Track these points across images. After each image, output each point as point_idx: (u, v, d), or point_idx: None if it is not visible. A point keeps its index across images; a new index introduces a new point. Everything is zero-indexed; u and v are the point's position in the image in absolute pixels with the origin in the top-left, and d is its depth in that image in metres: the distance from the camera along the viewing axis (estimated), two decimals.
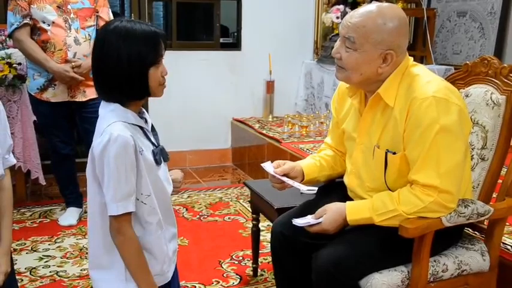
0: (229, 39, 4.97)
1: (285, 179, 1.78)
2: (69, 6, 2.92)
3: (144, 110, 1.47)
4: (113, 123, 1.34)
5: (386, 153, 1.59)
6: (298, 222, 1.64)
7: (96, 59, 1.37)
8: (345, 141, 1.81)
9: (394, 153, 1.57)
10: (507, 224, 2.16)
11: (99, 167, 1.33)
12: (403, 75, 1.58)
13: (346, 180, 1.79)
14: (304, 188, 1.77)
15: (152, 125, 1.48)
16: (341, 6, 4.36)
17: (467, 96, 1.83)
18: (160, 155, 1.44)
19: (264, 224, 2.86)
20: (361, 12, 1.56)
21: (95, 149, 1.34)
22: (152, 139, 1.44)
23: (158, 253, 1.44)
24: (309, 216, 1.65)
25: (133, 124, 1.37)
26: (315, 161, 1.89)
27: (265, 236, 2.82)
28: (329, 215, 1.60)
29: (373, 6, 1.57)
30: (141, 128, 1.41)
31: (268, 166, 1.83)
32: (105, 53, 1.34)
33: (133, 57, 1.32)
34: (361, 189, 1.70)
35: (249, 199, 3.02)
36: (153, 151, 1.42)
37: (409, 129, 1.51)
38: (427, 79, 1.55)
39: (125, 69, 1.32)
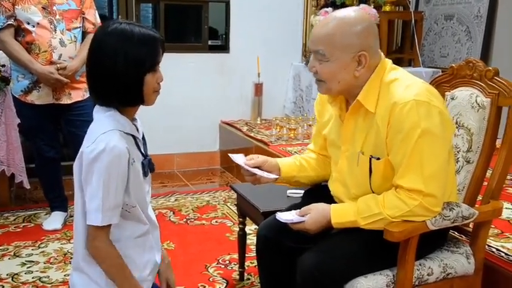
0: (218, 41, 4.95)
1: (256, 170, 1.75)
2: (54, 8, 2.89)
3: (136, 117, 1.45)
4: (109, 131, 1.30)
5: (370, 159, 1.58)
6: (282, 217, 1.63)
7: (92, 60, 1.35)
8: (329, 147, 1.79)
9: (378, 158, 1.56)
10: (492, 226, 2.17)
11: (86, 173, 1.30)
12: (381, 79, 1.56)
13: (331, 187, 1.77)
14: (272, 177, 1.75)
15: (143, 136, 1.46)
16: (329, 9, 4.35)
17: (452, 99, 1.83)
18: (148, 167, 1.43)
19: (251, 227, 2.84)
20: (324, 22, 1.57)
21: (86, 155, 1.30)
22: (142, 149, 1.42)
23: (138, 260, 1.42)
24: (293, 212, 1.65)
25: (127, 133, 1.35)
26: (295, 160, 1.87)
27: (252, 240, 2.79)
28: (313, 215, 1.59)
29: (334, 14, 1.58)
30: (133, 137, 1.38)
31: (238, 157, 1.78)
32: (102, 55, 1.31)
33: (130, 61, 1.29)
34: (346, 197, 1.68)
35: (236, 202, 3.00)
36: (142, 163, 1.40)
37: (391, 134, 1.50)
38: (407, 83, 1.54)
39: (121, 73, 1.29)
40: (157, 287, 1.58)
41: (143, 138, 1.46)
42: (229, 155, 1.80)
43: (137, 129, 1.42)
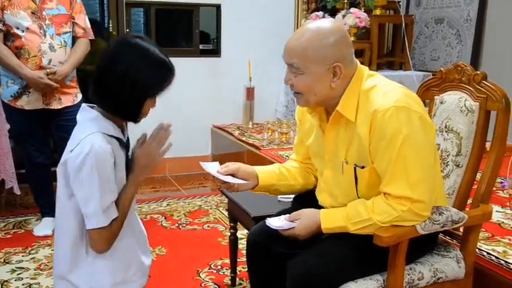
0: (210, 45, 4.95)
1: (228, 178, 1.71)
2: (44, 12, 2.88)
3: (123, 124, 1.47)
4: (92, 133, 1.32)
5: (355, 168, 1.57)
6: (272, 223, 1.62)
7: (106, 62, 1.36)
8: (312, 158, 1.78)
9: (363, 167, 1.56)
10: (483, 229, 2.18)
11: (75, 178, 1.30)
12: (359, 87, 1.55)
13: (319, 197, 1.76)
14: (241, 182, 1.72)
15: (128, 139, 1.48)
16: (320, 13, 4.37)
17: (441, 103, 1.84)
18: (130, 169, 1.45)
19: (243, 232, 2.83)
20: (297, 36, 1.55)
21: (71, 161, 1.31)
22: (124, 151, 1.43)
23: (122, 259, 1.43)
24: (283, 217, 1.64)
25: (111, 136, 1.36)
26: (275, 169, 1.85)
27: (244, 245, 2.77)
28: (303, 220, 1.58)
29: (307, 27, 1.56)
30: (118, 139, 1.39)
31: (210, 166, 1.73)
32: (115, 63, 1.33)
33: (140, 80, 1.33)
34: (334, 206, 1.66)
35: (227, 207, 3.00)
36: (126, 163, 1.42)
37: (374, 142, 1.50)
38: (386, 89, 1.53)
39: (127, 87, 1.32)
40: None
41: (128, 141, 1.47)
42: (200, 163, 1.75)
43: (123, 132, 1.44)
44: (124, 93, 1.33)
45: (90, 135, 1.31)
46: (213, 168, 1.73)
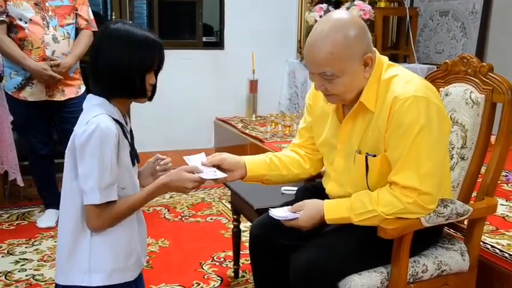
0: (213, 37, 4.93)
1: (209, 174, 1.57)
2: (47, 4, 2.87)
3: (126, 113, 1.49)
4: (99, 114, 1.35)
5: (366, 157, 1.56)
6: (275, 214, 1.61)
7: (94, 62, 1.39)
8: (321, 146, 1.76)
9: (375, 155, 1.55)
10: (487, 223, 2.17)
11: (80, 154, 1.33)
12: (380, 77, 1.54)
13: (327, 186, 1.74)
14: (220, 176, 1.61)
15: (131, 129, 1.50)
16: (324, 5, 4.35)
17: (446, 95, 1.82)
18: (135, 158, 1.47)
19: (246, 224, 2.83)
20: (317, 43, 1.48)
21: (78, 138, 1.34)
22: (129, 139, 1.45)
23: (124, 247, 1.44)
24: (286, 208, 1.63)
25: (116, 121, 1.38)
26: (265, 158, 1.79)
27: (247, 237, 2.76)
28: (306, 211, 1.57)
29: (322, 28, 1.49)
30: (121, 126, 1.41)
31: (193, 159, 1.61)
32: (101, 56, 1.37)
33: (131, 65, 1.36)
34: (341, 196, 1.64)
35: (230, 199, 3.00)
36: (130, 152, 1.44)
37: (390, 129, 1.49)
38: (406, 79, 1.52)
39: (123, 75, 1.36)
40: (142, 284, 1.58)
41: (131, 132, 1.49)
42: (184, 157, 1.61)
43: (126, 123, 1.46)
44: (122, 79, 1.37)
45: (97, 115, 1.35)
46: (197, 160, 1.61)
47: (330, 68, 1.48)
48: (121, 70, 1.35)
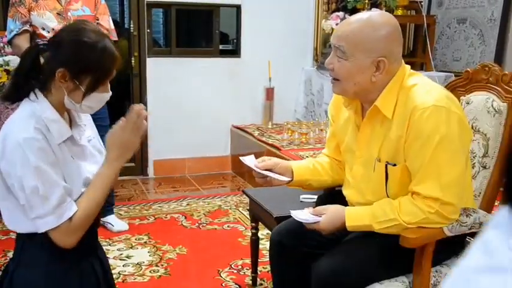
0: (229, 45, 4.96)
1: (267, 173, 1.74)
2: (69, 14, 2.92)
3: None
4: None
5: (386, 166, 1.56)
6: (297, 215, 1.62)
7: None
8: (343, 153, 1.77)
9: (395, 165, 1.55)
10: None
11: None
12: (401, 85, 1.54)
13: (346, 193, 1.75)
14: (284, 179, 1.74)
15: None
16: (341, 13, 4.35)
17: (468, 103, 1.82)
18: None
19: (264, 232, 2.83)
20: (351, 21, 1.56)
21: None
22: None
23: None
24: (306, 210, 1.63)
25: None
26: (309, 164, 1.85)
27: (265, 245, 2.79)
28: (328, 215, 1.58)
29: (363, 15, 1.57)
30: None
31: (248, 160, 1.78)
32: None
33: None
34: (361, 203, 1.65)
35: (248, 207, 3.01)
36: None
37: (410, 140, 1.49)
38: (427, 88, 1.52)
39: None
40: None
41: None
42: (240, 158, 1.79)
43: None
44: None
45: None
46: (251, 161, 1.77)
47: (345, 44, 1.52)
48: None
